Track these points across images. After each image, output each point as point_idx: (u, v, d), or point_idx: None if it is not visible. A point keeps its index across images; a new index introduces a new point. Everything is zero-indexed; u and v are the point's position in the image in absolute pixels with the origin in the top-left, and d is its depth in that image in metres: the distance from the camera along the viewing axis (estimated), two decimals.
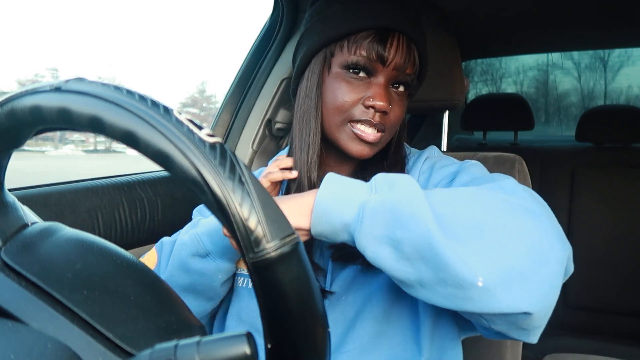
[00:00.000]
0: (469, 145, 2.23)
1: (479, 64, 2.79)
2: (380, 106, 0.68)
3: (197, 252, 0.70)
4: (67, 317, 0.34)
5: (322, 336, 0.33)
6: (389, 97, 0.70)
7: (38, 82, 0.33)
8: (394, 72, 0.69)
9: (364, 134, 0.69)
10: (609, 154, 1.87)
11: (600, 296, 1.78)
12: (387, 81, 0.70)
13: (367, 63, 0.68)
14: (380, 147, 0.73)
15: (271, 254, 0.30)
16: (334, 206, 0.53)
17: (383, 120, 0.70)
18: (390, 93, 0.70)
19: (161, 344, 0.30)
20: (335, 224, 0.53)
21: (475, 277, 0.47)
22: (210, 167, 0.29)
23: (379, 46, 0.68)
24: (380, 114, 0.69)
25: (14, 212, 0.40)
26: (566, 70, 2.74)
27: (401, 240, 0.49)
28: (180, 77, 9.97)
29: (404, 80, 0.71)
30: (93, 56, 8.46)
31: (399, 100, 0.72)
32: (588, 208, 1.83)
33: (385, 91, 0.69)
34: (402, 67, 0.69)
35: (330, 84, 0.71)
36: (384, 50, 0.68)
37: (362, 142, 0.70)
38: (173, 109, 0.31)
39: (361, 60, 0.68)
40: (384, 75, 0.69)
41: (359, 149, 0.71)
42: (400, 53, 0.69)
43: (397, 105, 0.71)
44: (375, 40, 0.68)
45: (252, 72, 1.35)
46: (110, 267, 0.40)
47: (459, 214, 0.50)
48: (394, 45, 0.68)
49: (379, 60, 0.68)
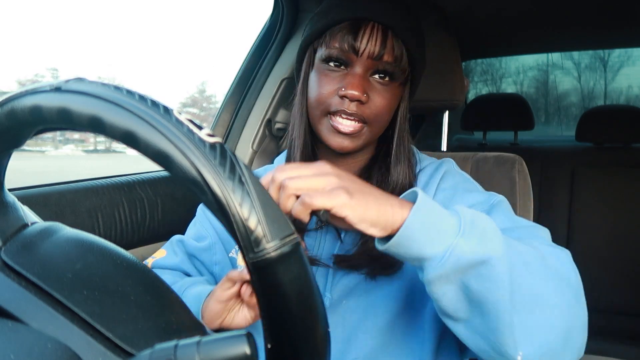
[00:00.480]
0: (469, 145, 2.22)
1: (479, 64, 2.79)
2: (351, 95, 0.67)
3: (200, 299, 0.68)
4: (67, 317, 0.34)
5: (322, 336, 0.33)
6: (365, 86, 0.68)
7: (38, 82, 0.33)
8: (370, 62, 0.68)
9: (340, 125, 0.69)
10: (609, 154, 1.87)
11: (600, 296, 1.78)
12: (364, 71, 0.69)
13: (340, 54, 0.69)
14: (365, 141, 0.72)
15: (271, 254, 0.30)
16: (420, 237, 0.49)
17: (360, 110, 0.68)
18: (367, 82, 0.69)
19: (161, 344, 0.30)
20: (414, 253, 0.49)
21: (517, 352, 0.49)
22: (210, 167, 0.29)
23: (350, 36, 0.68)
24: (357, 102, 0.68)
25: (14, 212, 0.40)
26: (566, 70, 2.74)
27: (473, 289, 0.49)
28: (180, 77, 9.96)
29: (383, 69, 0.69)
30: (93, 56, 8.46)
31: (382, 90, 0.70)
32: (588, 208, 1.83)
33: (360, 80, 0.68)
34: (377, 55, 0.68)
35: (311, 79, 0.72)
36: (354, 40, 0.67)
37: (340, 134, 0.69)
38: (173, 109, 0.31)
39: (334, 52, 0.69)
40: (359, 65, 0.69)
41: (337, 141, 0.70)
42: (373, 41, 0.67)
43: (378, 94, 0.70)
44: (348, 32, 0.68)
45: (252, 72, 1.35)
46: (110, 267, 0.40)
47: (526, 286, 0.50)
48: (367, 34, 0.68)
49: (351, 51, 0.68)
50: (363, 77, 0.69)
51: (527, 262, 0.52)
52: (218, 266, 0.82)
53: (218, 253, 0.82)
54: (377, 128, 0.72)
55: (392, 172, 0.73)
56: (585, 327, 0.54)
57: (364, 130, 0.70)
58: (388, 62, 0.69)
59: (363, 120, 0.69)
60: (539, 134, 2.52)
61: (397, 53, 0.69)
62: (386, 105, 0.71)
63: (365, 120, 0.69)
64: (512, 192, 0.90)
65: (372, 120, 0.70)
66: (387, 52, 0.68)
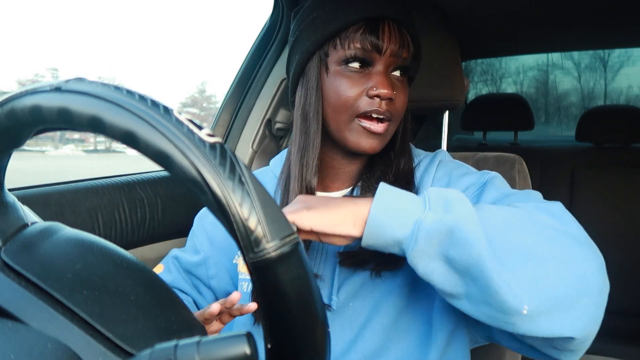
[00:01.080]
0: (469, 145, 2.22)
1: (479, 64, 2.79)
2: (385, 93, 0.68)
3: None
4: (67, 317, 0.34)
5: (322, 336, 0.33)
6: (392, 84, 0.70)
7: (38, 82, 0.33)
8: (391, 59, 0.70)
9: (373, 126, 0.69)
10: (609, 154, 1.87)
11: None
12: (386, 69, 0.70)
13: (363, 54, 0.69)
14: (388, 139, 0.73)
15: (271, 254, 0.30)
16: (388, 221, 0.53)
17: (390, 107, 0.69)
18: (391, 80, 0.71)
19: (161, 344, 0.30)
20: (388, 238, 0.53)
21: (521, 305, 0.49)
22: (210, 167, 0.29)
23: (372, 36, 0.68)
24: (387, 101, 0.69)
25: (14, 212, 0.40)
26: (566, 70, 2.74)
27: (454, 259, 0.51)
28: (180, 77, 9.96)
29: (402, 65, 0.71)
30: (93, 56, 8.46)
31: (402, 87, 0.72)
32: (588, 208, 1.83)
33: (387, 79, 0.69)
34: (398, 52, 0.69)
35: (330, 84, 0.71)
36: (377, 39, 0.68)
37: (372, 135, 0.70)
38: (173, 109, 0.31)
39: (358, 53, 0.69)
40: (382, 63, 0.69)
41: (369, 142, 0.70)
42: (393, 39, 0.69)
43: (400, 91, 0.71)
44: (367, 31, 0.68)
45: (252, 72, 1.35)
46: (110, 267, 0.40)
47: (510, 241, 0.52)
48: (387, 33, 0.69)
49: (374, 50, 0.68)
50: (387, 75, 0.70)
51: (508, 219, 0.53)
52: (214, 280, 0.82)
53: (212, 267, 0.82)
54: (396, 124, 0.73)
55: (394, 162, 0.75)
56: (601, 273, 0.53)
57: (390, 128, 0.71)
58: (406, 57, 0.71)
59: (390, 118, 0.70)
60: (539, 134, 2.52)
61: (412, 48, 0.71)
62: (405, 100, 0.73)
63: (391, 117, 0.70)
64: None
65: (396, 117, 0.72)
66: (405, 49, 0.70)
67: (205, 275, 0.82)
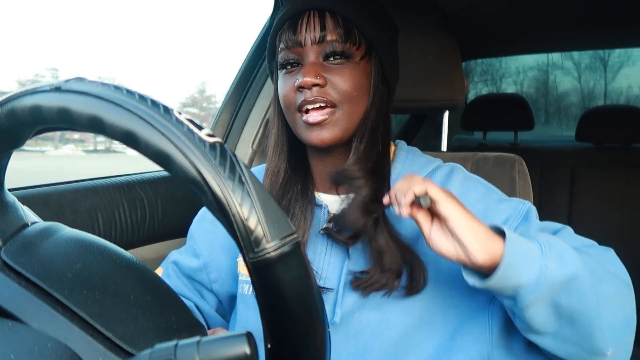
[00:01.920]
0: (469, 145, 2.22)
1: (479, 64, 2.79)
2: (304, 82, 0.66)
3: None
4: (67, 317, 0.34)
5: (322, 336, 0.33)
6: (318, 70, 0.67)
7: (38, 82, 0.33)
8: (317, 47, 0.68)
9: (310, 116, 0.67)
10: (609, 154, 1.87)
11: None
12: (315, 58, 0.68)
13: (289, 54, 0.69)
14: (344, 127, 0.69)
15: (271, 253, 0.30)
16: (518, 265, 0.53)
17: (323, 93, 0.67)
18: (322, 67, 0.68)
19: (161, 344, 0.30)
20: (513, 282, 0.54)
21: (607, 348, 0.55)
22: (210, 167, 0.29)
23: (290, 33, 0.68)
24: (317, 88, 0.67)
25: (14, 212, 0.40)
26: (566, 71, 2.74)
27: (562, 304, 0.54)
28: (180, 77, 9.96)
29: (333, 49, 0.68)
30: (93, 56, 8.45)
31: (340, 69, 0.68)
32: (588, 208, 1.83)
33: (312, 66, 0.67)
34: (319, 38, 0.67)
35: (278, 89, 0.73)
36: (294, 33, 0.68)
37: (313, 127, 0.68)
38: (173, 108, 0.31)
39: (284, 54, 0.70)
40: (308, 55, 0.68)
41: (315, 135, 0.68)
42: (312, 27, 0.68)
43: (336, 74, 0.68)
44: (288, 31, 0.69)
45: (252, 72, 1.35)
46: (110, 267, 0.40)
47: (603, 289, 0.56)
48: (304, 24, 0.68)
49: (296, 46, 0.68)
50: (315, 64, 0.68)
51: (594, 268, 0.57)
52: (216, 284, 0.81)
53: (213, 272, 0.81)
54: (351, 109, 0.69)
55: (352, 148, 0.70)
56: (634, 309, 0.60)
57: (337, 115, 0.68)
58: (334, 40, 0.68)
59: (331, 104, 0.67)
60: (539, 134, 2.52)
61: (341, 30, 0.68)
62: (350, 83, 0.68)
63: (333, 103, 0.67)
64: (512, 192, 0.90)
65: (340, 101, 0.68)
66: (329, 33, 0.67)
67: (206, 280, 0.81)
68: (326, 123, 0.67)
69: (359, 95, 0.69)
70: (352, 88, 0.68)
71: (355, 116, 0.69)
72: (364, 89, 0.70)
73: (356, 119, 0.70)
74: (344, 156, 0.72)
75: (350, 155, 0.70)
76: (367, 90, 0.71)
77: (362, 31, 0.69)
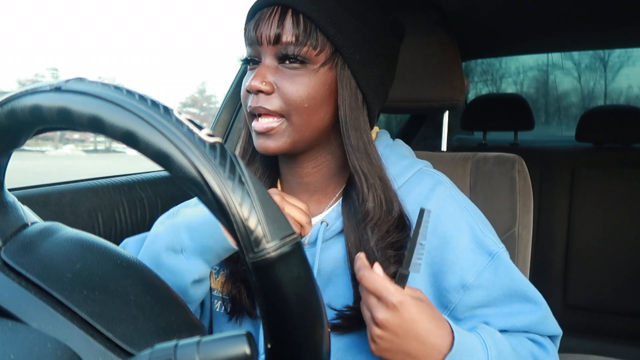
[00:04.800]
0: (469, 145, 2.22)
1: (479, 64, 2.79)
2: (249, 86, 0.62)
3: (171, 246, 0.64)
4: (67, 317, 0.34)
5: (322, 336, 0.33)
6: (268, 75, 0.62)
7: (38, 82, 0.33)
8: (273, 48, 0.63)
9: (256, 124, 0.63)
10: (609, 154, 1.87)
11: (600, 296, 1.78)
12: (271, 60, 0.63)
13: (249, 51, 0.65)
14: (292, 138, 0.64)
15: (271, 254, 0.30)
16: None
17: (267, 102, 0.62)
18: (275, 71, 0.63)
19: (161, 344, 0.30)
20: None
21: None
22: (210, 167, 0.29)
23: (251, 28, 0.64)
24: (262, 94, 0.62)
25: (14, 212, 0.40)
26: (566, 71, 2.74)
27: None
28: (180, 77, 9.96)
29: (288, 52, 0.62)
30: (93, 56, 8.46)
31: (294, 76, 0.62)
32: (588, 208, 1.83)
33: (262, 70, 0.62)
34: (274, 38, 0.62)
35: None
36: (254, 30, 0.63)
37: (260, 135, 0.64)
38: (173, 109, 0.31)
39: (247, 50, 0.66)
40: (266, 55, 0.63)
41: (259, 142, 0.64)
42: (269, 25, 0.62)
43: (288, 81, 0.62)
44: (250, 24, 0.64)
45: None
46: (110, 267, 0.40)
47: None
48: (264, 20, 0.63)
49: (254, 43, 0.64)
50: (269, 67, 0.63)
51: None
52: None
53: None
54: (300, 120, 0.63)
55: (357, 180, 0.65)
56: None
57: (285, 126, 0.63)
58: (289, 42, 0.61)
59: (277, 113, 0.62)
60: (539, 134, 2.52)
61: (298, 31, 0.61)
62: (300, 92, 0.62)
63: (281, 113, 0.62)
64: (512, 192, 0.90)
65: (286, 111, 0.62)
66: (285, 33, 0.61)
67: None
68: (272, 133, 0.63)
69: (310, 106, 0.63)
70: (301, 98, 0.62)
71: (305, 129, 0.64)
72: (320, 99, 0.63)
73: (307, 132, 0.64)
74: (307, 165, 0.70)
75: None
76: (325, 101, 0.64)
77: (326, 34, 0.62)
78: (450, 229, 0.66)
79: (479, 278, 0.65)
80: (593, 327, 1.77)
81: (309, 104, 0.63)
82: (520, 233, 0.89)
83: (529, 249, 0.90)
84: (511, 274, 0.66)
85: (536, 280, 0.73)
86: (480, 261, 0.65)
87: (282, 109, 0.62)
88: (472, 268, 0.65)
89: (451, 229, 0.66)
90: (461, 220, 0.67)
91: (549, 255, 1.85)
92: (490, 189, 0.92)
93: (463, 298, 0.65)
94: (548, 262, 1.85)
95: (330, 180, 0.71)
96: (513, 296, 0.66)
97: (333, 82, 0.64)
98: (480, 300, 0.65)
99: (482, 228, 0.68)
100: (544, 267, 1.85)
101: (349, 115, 0.65)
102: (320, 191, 0.72)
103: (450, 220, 0.67)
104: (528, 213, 0.90)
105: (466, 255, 0.65)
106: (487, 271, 0.65)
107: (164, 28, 12.24)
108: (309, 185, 0.71)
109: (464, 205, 0.69)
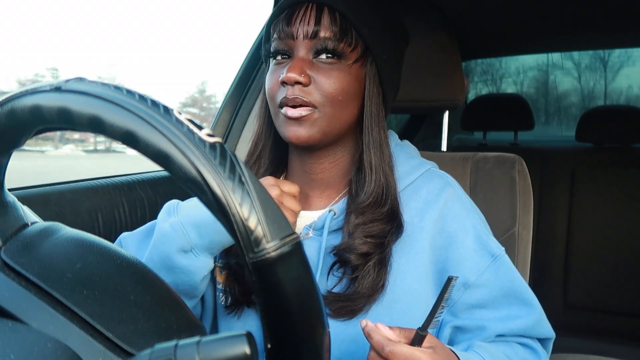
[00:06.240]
0: (469, 145, 2.22)
1: (479, 64, 2.79)
2: (287, 78, 0.63)
3: (181, 247, 0.65)
4: (67, 317, 0.34)
5: (322, 336, 0.33)
6: (305, 67, 0.65)
7: (38, 82, 0.33)
8: (308, 42, 0.65)
9: (289, 111, 0.65)
10: (609, 154, 1.87)
11: (600, 296, 1.78)
12: (305, 54, 0.66)
13: (281, 45, 0.67)
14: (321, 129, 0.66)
15: (271, 253, 0.30)
16: None
17: (304, 93, 0.64)
18: (310, 64, 0.65)
19: (161, 344, 0.30)
20: None
21: None
22: (210, 167, 0.29)
23: (284, 23, 0.66)
24: (299, 86, 0.64)
25: (14, 212, 0.40)
26: (566, 71, 2.74)
27: None
28: (180, 77, 9.97)
29: (324, 46, 0.65)
30: (93, 56, 8.47)
31: (329, 70, 0.65)
32: (588, 208, 1.83)
33: (299, 62, 0.65)
34: (312, 33, 0.65)
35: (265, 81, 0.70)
36: (288, 25, 0.66)
37: (290, 122, 0.65)
38: (173, 109, 0.31)
39: (276, 44, 0.67)
40: (299, 49, 0.66)
41: (291, 130, 0.65)
42: (306, 20, 0.65)
43: (323, 74, 0.65)
44: (283, 20, 0.66)
45: (252, 72, 1.35)
46: (110, 267, 0.40)
47: None
48: (300, 16, 0.65)
49: (289, 37, 0.66)
50: (304, 60, 0.65)
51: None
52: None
53: None
54: (332, 112, 0.66)
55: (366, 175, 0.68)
56: None
57: (316, 116, 0.65)
58: (327, 37, 0.65)
59: (312, 104, 0.65)
60: (539, 134, 2.52)
61: (336, 28, 0.65)
62: (336, 86, 0.65)
63: (313, 104, 0.65)
64: (512, 192, 0.90)
65: (321, 103, 0.65)
66: (323, 29, 0.65)
67: None
68: (304, 120, 0.65)
69: (344, 99, 0.66)
70: (337, 91, 0.65)
71: (336, 121, 0.67)
72: (351, 94, 0.67)
73: (337, 124, 0.67)
74: (324, 160, 0.72)
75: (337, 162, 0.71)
76: (355, 96, 0.68)
77: (360, 32, 0.66)
78: (455, 230, 0.69)
79: (480, 277, 0.68)
80: (593, 327, 1.77)
81: (343, 97, 0.66)
82: (520, 233, 0.89)
83: (529, 249, 0.90)
84: (511, 275, 0.69)
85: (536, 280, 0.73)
86: (483, 262, 0.68)
87: (317, 100, 0.65)
88: (475, 268, 0.68)
89: (457, 230, 0.69)
90: (467, 222, 0.70)
91: (549, 255, 1.85)
92: (490, 189, 0.92)
93: (463, 296, 0.68)
94: (548, 262, 1.85)
95: (343, 176, 0.74)
96: (511, 297, 0.68)
97: (362, 78, 0.68)
98: (480, 299, 0.68)
99: (485, 230, 0.71)
100: (544, 267, 1.85)
101: (374, 111, 0.69)
102: (332, 187, 0.74)
103: (456, 222, 0.70)
104: (528, 213, 0.91)
105: (470, 256, 0.68)
106: (488, 271, 0.68)
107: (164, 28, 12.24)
108: (323, 181, 0.73)
109: (470, 207, 0.72)
